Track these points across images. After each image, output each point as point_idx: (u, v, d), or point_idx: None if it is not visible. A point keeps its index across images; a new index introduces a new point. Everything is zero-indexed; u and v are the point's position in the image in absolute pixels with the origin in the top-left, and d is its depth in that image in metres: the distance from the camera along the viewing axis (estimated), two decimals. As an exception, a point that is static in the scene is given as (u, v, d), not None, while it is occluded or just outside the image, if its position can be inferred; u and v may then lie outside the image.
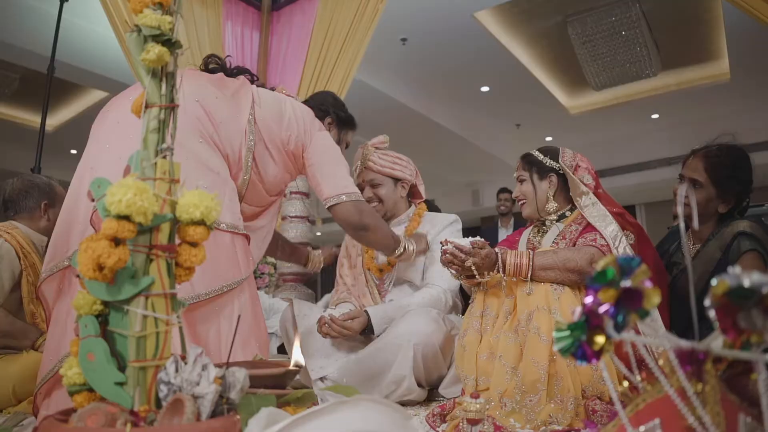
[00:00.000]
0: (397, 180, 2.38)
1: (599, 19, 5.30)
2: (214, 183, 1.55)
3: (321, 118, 2.03)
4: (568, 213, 2.00)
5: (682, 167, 2.07)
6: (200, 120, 1.59)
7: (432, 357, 1.97)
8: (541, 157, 2.02)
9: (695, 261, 1.99)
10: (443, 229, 2.38)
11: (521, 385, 1.59)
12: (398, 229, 2.39)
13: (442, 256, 1.82)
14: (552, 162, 2.00)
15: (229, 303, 1.51)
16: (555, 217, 2.00)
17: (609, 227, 1.83)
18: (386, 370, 1.95)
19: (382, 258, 2.39)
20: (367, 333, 2.11)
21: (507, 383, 1.63)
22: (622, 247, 1.80)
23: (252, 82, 1.87)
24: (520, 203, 2.08)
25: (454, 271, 1.85)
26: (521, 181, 2.05)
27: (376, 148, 2.37)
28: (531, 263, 1.73)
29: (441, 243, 1.83)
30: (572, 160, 1.99)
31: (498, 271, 1.77)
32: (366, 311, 2.12)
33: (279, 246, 2.42)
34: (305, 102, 2.09)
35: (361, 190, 2.32)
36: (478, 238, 1.80)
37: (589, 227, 1.88)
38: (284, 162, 1.83)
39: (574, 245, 1.85)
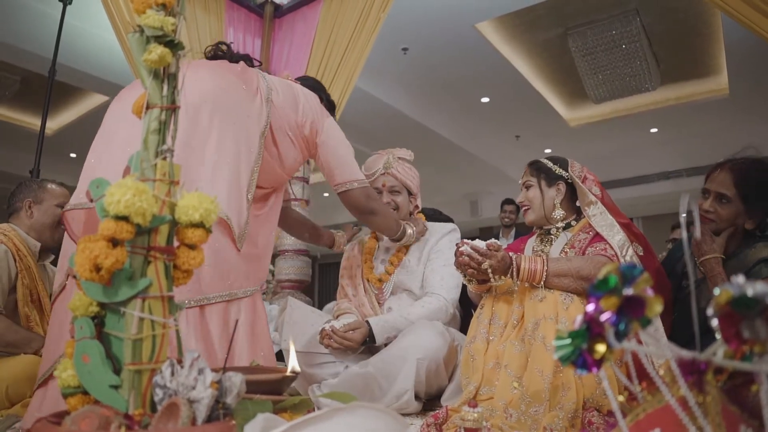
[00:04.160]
0: (410, 193, 2.45)
1: (600, 32, 5.32)
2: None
3: None
4: (573, 222, 2.00)
5: (705, 181, 1.97)
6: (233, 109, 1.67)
7: (435, 371, 1.95)
8: (550, 164, 2.02)
9: None
10: (441, 237, 2.38)
11: (526, 396, 1.57)
12: None
13: (457, 257, 1.80)
14: (561, 170, 2.00)
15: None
16: (561, 225, 2.00)
17: (617, 236, 1.83)
18: (390, 383, 1.92)
19: (380, 268, 2.40)
20: (369, 343, 2.10)
21: (512, 394, 1.61)
22: (629, 256, 1.79)
23: (251, 66, 1.93)
24: (524, 209, 2.07)
25: (467, 275, 1.83)
26: (528, 187, 2.04)
27: (400, 158, 2.45)
28: (545, 269, 1.72)
29: (456, 245, 1.82)
30: (581, 171, 2.00)
31: (511, 277, 1.76)
32: (367, 321, 2.11)
33: (307, 229, 2.58)
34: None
35: (378, 193, 2.39)
36: (493, 240, 1.79)
37: (597, 237, 1.87)
38: (300, 146, 1.92)
39: (583, 254, 1.84)
